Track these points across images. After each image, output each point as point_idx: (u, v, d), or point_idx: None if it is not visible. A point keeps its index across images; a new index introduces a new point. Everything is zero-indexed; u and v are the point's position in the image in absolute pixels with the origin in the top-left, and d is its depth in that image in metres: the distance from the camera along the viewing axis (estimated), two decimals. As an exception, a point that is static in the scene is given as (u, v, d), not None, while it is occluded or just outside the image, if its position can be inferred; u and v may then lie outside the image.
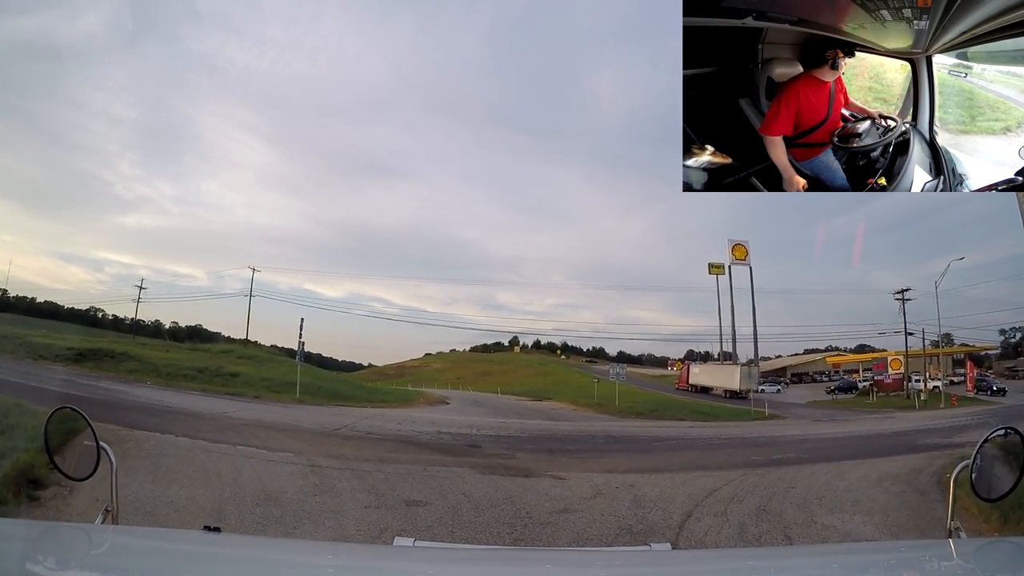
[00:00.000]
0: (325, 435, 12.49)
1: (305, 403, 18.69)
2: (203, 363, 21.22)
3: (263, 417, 14.15)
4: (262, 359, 23.14)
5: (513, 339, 36.68)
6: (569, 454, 11.89)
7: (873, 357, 26.67)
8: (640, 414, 21.60)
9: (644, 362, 32.54)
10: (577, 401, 24.81)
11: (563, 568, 1.58)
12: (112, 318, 27.20)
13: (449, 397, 27.49)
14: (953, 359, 25.99)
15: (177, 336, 27.14)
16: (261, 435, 11.27)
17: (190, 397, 16.84)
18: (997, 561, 1.51)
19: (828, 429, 18.15)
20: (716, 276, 26.75)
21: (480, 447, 12.19)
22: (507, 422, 18.30)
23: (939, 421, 17.81)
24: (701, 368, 22.65)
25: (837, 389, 26.81)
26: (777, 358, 30.44)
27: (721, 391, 19.24)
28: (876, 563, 1.61)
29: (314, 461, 9.02)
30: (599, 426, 18.53)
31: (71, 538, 1.57)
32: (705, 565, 1.65)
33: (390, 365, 35.11)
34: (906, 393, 24.35)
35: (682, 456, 12.37)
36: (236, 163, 38.32)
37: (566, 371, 33.41)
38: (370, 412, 18.33)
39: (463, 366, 35.05)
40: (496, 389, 29.53)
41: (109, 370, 18.93)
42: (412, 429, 14.43)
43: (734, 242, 26.77)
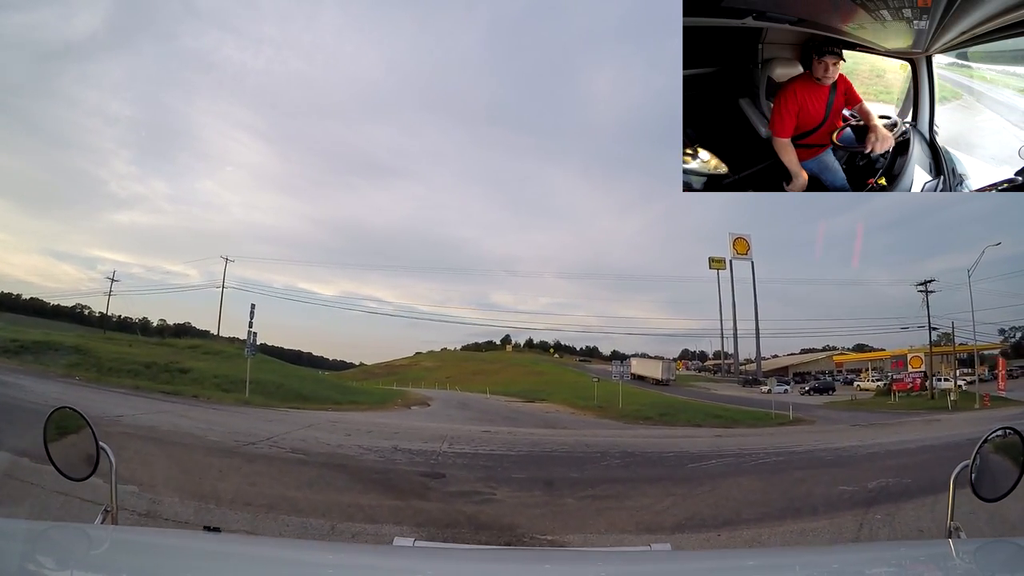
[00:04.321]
0: (224, 453, 9.18)
1: (250, 404, 16.72)
2: (158, 358, 19.71)
3: (163, 422, 11.38)
4: (230, 355, 21.02)
5: (505, 337, 36.08)
6: (576, 489, 8.17)
7: (892, 355, 25.32)
8: (648, 419, 19.82)
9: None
10: (575, 403, 23.12)
11: (563, 568, 1.58)
12: (99, 315, 26.62)
13: (432, 398, 25.69)
14: (959, 358, 24.63)
15: (163, 332, 26.59)
16: (130, 449, 8.08)
17: (107, 395, 14.66)
18: (997, 561, 1.51)
19: (884, 437, 15.17)
20: (717, 271, 26.44)
21: (443, 476, 8.76)
22: (491, 431, 15.36)
23: (995, 424, 16.35)
24: (638, 361, 26.23)
25: (812, 390, 25.42)
26: (774, 357, 30.25)
27: (651, 380, 24.38)
28: (876, 563, 1.61)
29: (153, 504, 5.80)
30: (607, 437, 15.75)
31: (71, 538, 1.57)
32: (705, 565, 1.65)
33: (379, 364, 34.69)
34: (929, 393, 22.81)
35: (741, 487, 8.61)
36: (232, 162, 37.88)
37: (560, 370, 32.64)
38: (326, 417, 15.92)
39: (453, 365, 34.38)
40: (485, 389, 28.21)
41: (44, 364, 17.78)
42: (360, 444, 11.27)
43: (736, 235, 26.08)
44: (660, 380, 24.36)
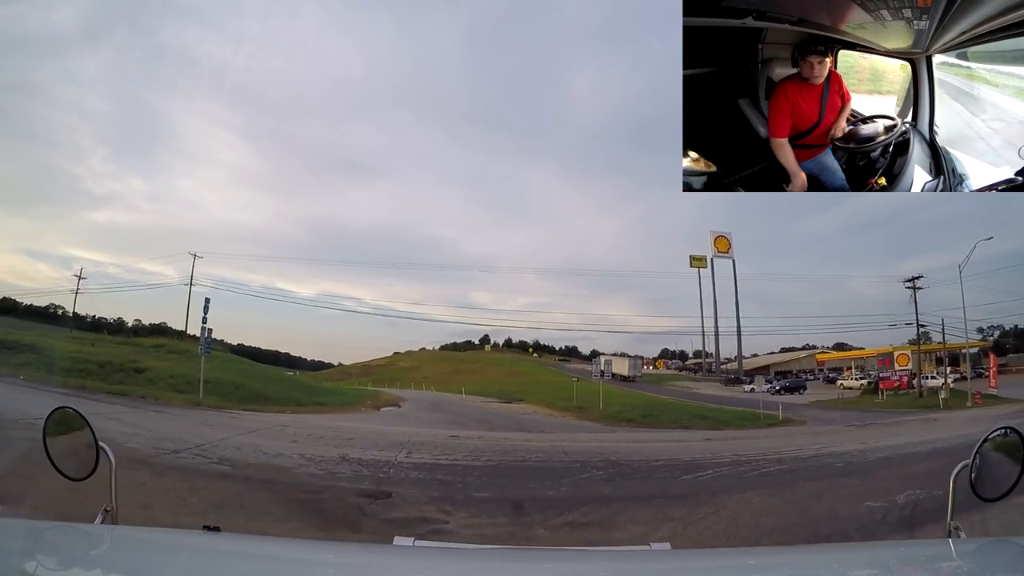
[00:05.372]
0: (134, 464, 7.72)
1: (201, 406, 15.76)
2: (116, 357, 18.97)
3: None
4: (194, 354, 20.00)
5: (484, 337, 35.96)
6: (551, 513, 6.87)
7: (879, 353, 25.18)
8: (631, 420, 18.81)
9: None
10: (553, 404, 22.03)
11: (563, 568, 1.58)
12: (72, 315, 26.09)
13: (405, 398, 24.76)
14: (936, 357, 24.31)
15: (138, 332, 26.09)
16: (22, 458, 6.79)
17: (41, 396, 13.46)
18: (997, 561, 1.51)
19: (887, 439, 13.96)
20: (698, 269, 26.44)
21: (389, 495, 7.35)
22: (460, 436, 13.77)
23: (996, 423, 15.89)
24: (606, 359, 27.08)
25: (783, 389, 24.68)
26: (754, 356, 30.19)
27: (619, 376, 25.53)
28: (876, 563, 1.61)
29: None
30: (587, 442, 14.06)
31: (71, 538, 1.57)
32: (705, 564, 1.65)
33: (356, 364, 34.37)
34: (918, 391, 22.57)
35: (750, 506, 7.32)
36: (210, 160, 37.43)
37: (538, 370, 32.29)
38: (279, 420, 14.53)
39: (431, 365, 34.04)
40: (461, 389, 27.65)
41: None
42: (304, 453, 9.86)
43: (717, 234, 26.03)
44: (627, 376, 26.13)
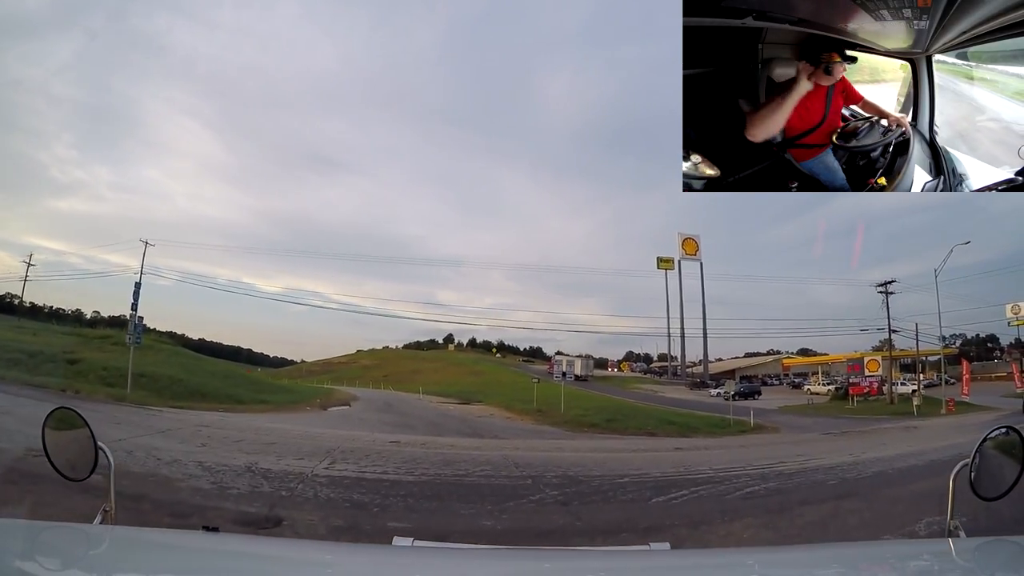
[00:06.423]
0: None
1: (124, 401, 14.74)
2: (51, 347, 18.28)
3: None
4: (141, 346, 18.93)
5: (448, 336, 36.08)
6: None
7: (848, 358, 25.05)
8: (595, 425, 17.50)
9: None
10: (512, 406, 20.88)
11: (563, 568, 1.58)
12: (19, 303, 25.89)
13: (358, 397, 23.70)
14: (901, 364, 24.39)
15: (96, 323, 25.59)
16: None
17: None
18: (997, 561, 1.51)
19: (872, 450, 12.51)
20: (665, 271, 26.54)
21: (279, 523, 5.86)
22: (400, 442, 12.39)
23: (977, 430, 15.38)
24: (559, 359, 27.82)
25: (737, 394, 23.75)
26: (719, 361, 30.23)
27: (572, 375, 25.85)
28: (876, 563, 1.61)
29: None
30: (544, 451, 12.34)
31: (70, 538, 1.57)
32: (705, 564, 1.65)
33: (318, 361, 34.27)
34: (888, 398, 22.49)
35: (743, 545, 5.75)
36: (178, 150, 36.54)
37: (500, 370, 32.07)
38: (200, 420, 13.19)
39: (392, 363, 33.94)
40: (419, 389, 27.25)
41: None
42: (204, 461, 8.36)
43: (684, 236, 26.07)
44: (579, 376, 27.09)
